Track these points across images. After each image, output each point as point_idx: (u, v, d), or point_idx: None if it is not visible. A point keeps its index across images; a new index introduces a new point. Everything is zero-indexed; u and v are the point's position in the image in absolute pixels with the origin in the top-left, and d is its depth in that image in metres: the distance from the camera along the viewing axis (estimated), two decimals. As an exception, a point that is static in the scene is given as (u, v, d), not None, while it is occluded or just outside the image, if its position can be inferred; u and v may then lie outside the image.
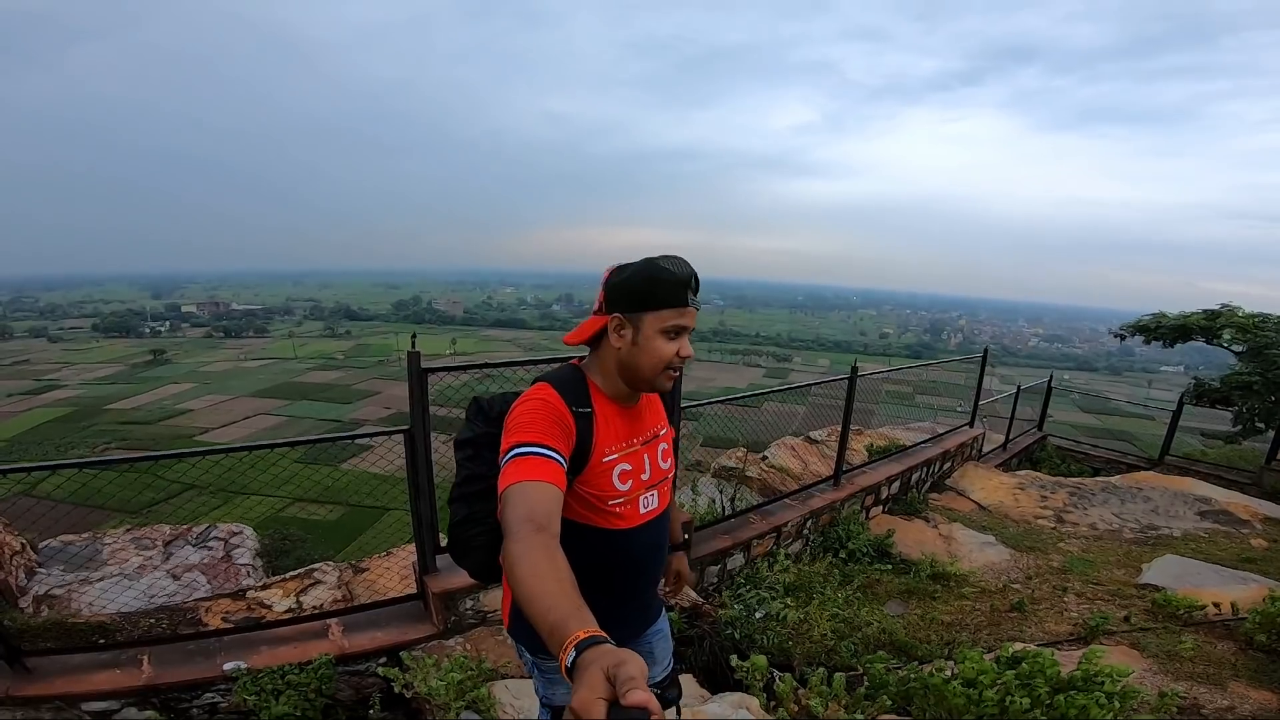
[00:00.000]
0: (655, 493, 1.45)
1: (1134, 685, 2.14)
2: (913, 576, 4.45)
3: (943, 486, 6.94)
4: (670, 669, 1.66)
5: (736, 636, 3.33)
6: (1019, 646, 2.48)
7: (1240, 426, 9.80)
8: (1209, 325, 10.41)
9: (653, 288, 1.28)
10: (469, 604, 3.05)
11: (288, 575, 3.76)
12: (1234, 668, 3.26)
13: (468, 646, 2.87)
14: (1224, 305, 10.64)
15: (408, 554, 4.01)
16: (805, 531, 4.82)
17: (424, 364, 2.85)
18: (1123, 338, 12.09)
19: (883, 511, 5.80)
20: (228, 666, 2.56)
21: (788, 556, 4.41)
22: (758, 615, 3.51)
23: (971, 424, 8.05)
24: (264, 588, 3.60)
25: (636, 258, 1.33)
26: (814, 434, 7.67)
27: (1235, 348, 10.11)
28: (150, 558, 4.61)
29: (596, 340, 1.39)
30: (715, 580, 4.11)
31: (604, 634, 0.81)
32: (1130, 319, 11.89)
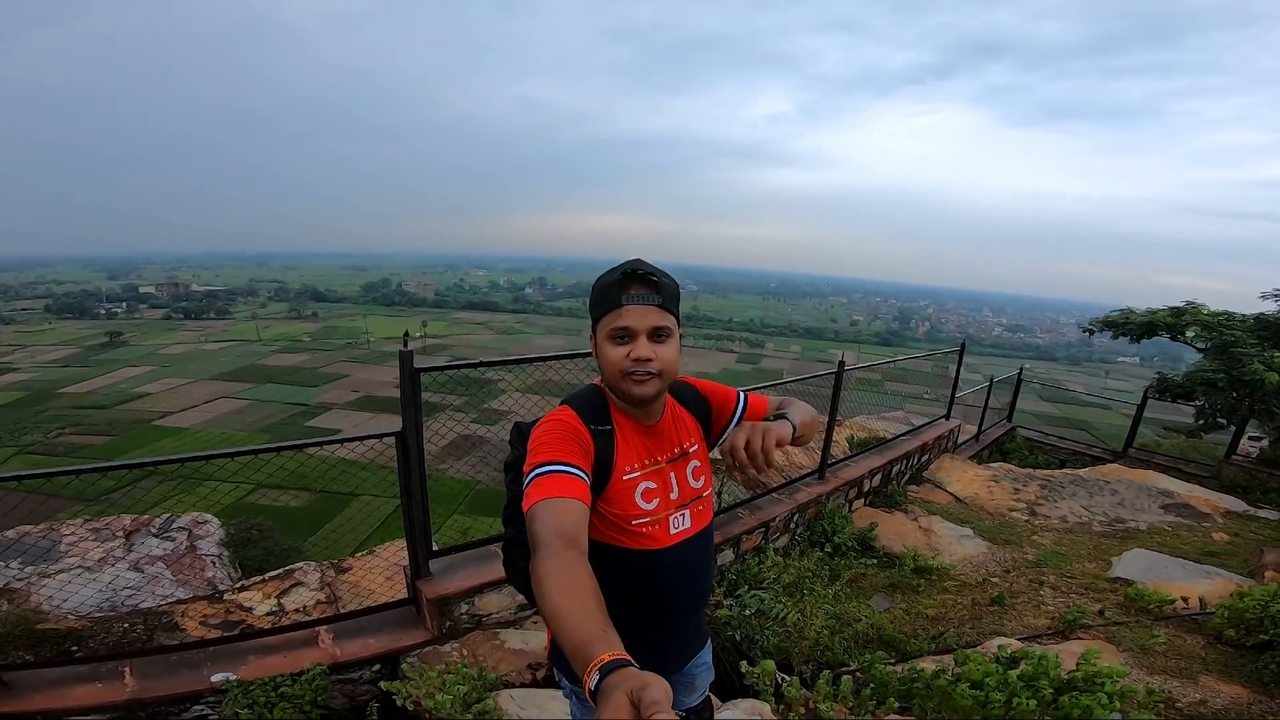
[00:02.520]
0: (687, 512, 1.40)
1: (1130, 685, 2.20)
2: (897, 570, 4.53)
3: (920, 479, 7.07)
4: (705, 696, 1.63)
5: (737, 638, 3.35)
6: (1015, 645, 2.54)
7: (1202, 421, 10.15)
8: (1174, 322, 10.72)
9: (594, 296, 1.28)
10: (464, 608, 3.01)
11: (267, 576, 3.67)
12: (1204, 662, 3.39)
13: (464, 652, 2.83)
14: (1189, 303, 10.97)
15: (392, 553, 3.94)
16: (792, 526, 4.86)
17: (402, 353, 2.73)
18: (1092, 332, 12.41)
19: (865, 504, 5.89)
20: (216, 678, 2.48)
21: (776, 551, 4.44)
22: (748, 612, 3.53)
23: (948, 416, 8.21)
24: (241, 589, 3.50)
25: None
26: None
27: (1199, 344, 10.44)
28: (111, 550, 4.46)
29: None
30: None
31: (628, 657, 0.80)
32: (1087, 310, 12.21)
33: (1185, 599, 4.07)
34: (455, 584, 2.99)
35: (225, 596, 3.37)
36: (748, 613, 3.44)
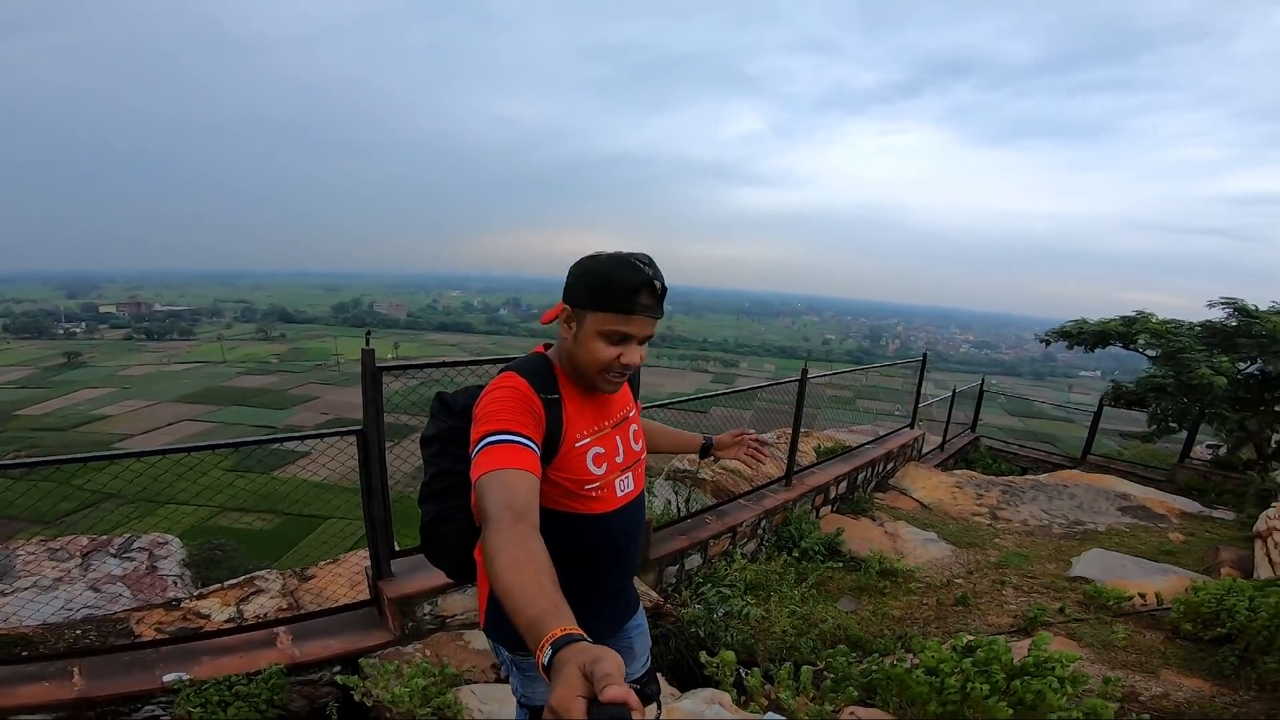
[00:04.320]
0: (630, 475, 1.44)
1: (1082, 671, 2.27)
2: (863, 573, 4.59)
3: (886, 486, 7.19)
4: (648, 665, 1.65)
5: (701, 634, 3.36)
6: (970, 637, 2.60)
7: (1155, 426, 10.49)
8: (1126, 331, 11.09)
9: (602, 287, 1.23)
10: (427, 609, 2.98)
11: (226, 584, 3.60)
12: (1164, 656, 3.48)
13: (427, 652, 2.80)
14: (1139, 312, 11.38)
15: (357, 560, 3.89)
16: (760, 531, 4.90)
17: (365, 351, 2.77)
18: (1048, 343, 12.77)
19: (831, 511, 5.96)
20: (168, 678, 2.42)
21: (744, 556, 4.48)
22: (719, 613, 3.55)
23: (912, 425, 8.37)
24: (200, 597, 3.43)
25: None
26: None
27: (1149, 352, 10.81)
28: (68, 570, 4.34)
29: None
30: (674, 580, 4.13)
31: (581, 631, 0.80)
32: (1051, 325, 12.58)
33: (1143, 595, 4.19)
34: (418, 584, 2.96)
35: (183, 604, 3.29)
36: (714, 613, 3.46)
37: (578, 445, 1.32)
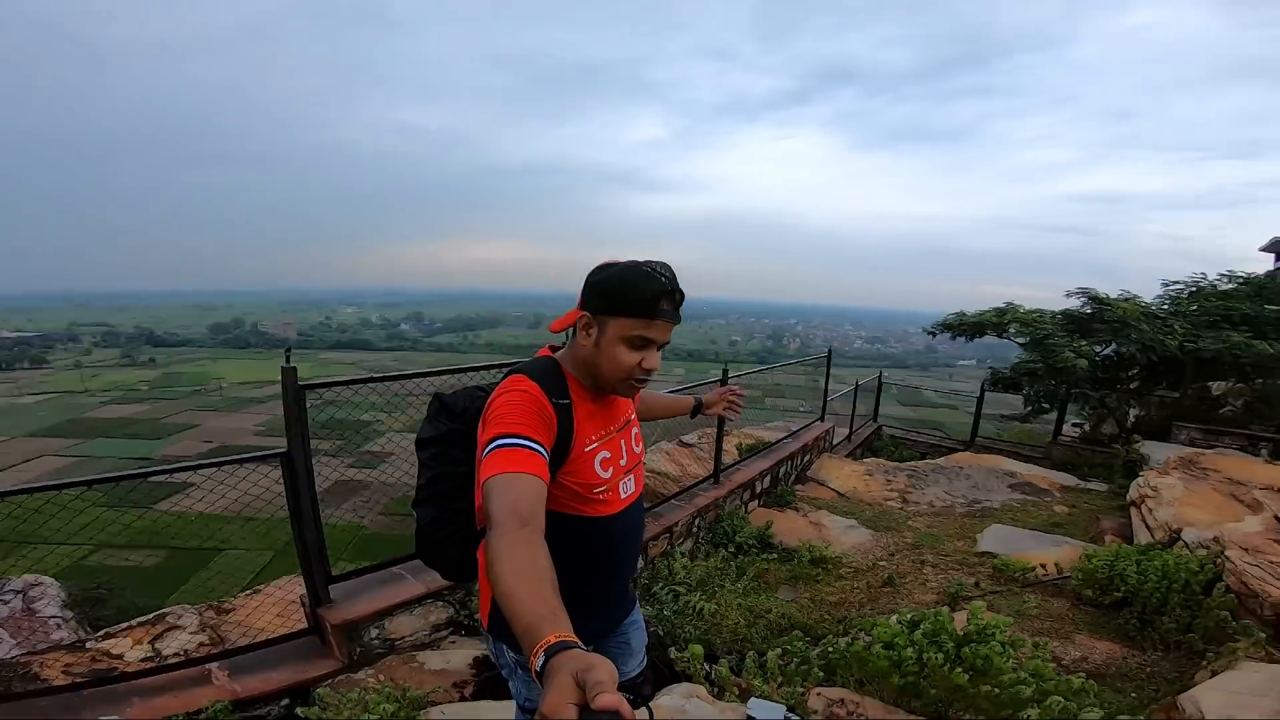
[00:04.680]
0: (632, 477, 1.48)
1: (1017, 635, 2.41)
2: (796, 563, 4.70)
3: (805, 478, 7.44)
4: (645, 663, 1.64)
5: (660, 633, 3.40)
6: (912, 612, 2.70)
7: (1030, 408, 11.54)
8: (999, 321, 12.14)
9: (623, 293, 1.26)
10: (375, 633, 2.86)
11: (135, 622, 3.29)
12: (1074, 622, 3.76)
13: (380, 677, 2.66)
14: (1008, 304, 12.50)
15: (281, 589, 3.68)
16: (695, 529, 4.92)
17: (285, 370, 2.57)
18: (933, 334, 13.77)
19: (759, 505, 6.09)
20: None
21: (683, 554, 4.48)
22: (669, 610, 3.61)
23: (822, 419, 8.73)
24: (107, 636, 3.17)
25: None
26: (685, 438, 7.90)
27: (1019, 339, 11.89)
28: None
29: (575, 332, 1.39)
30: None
31: (575, 639, 0.81)
32: (933, 319, 13.60)
33: (1044, 566, 4.53)
34: (362, 608, 2.83)
35: (88, 645, 2.97)
36: (666, 611, 3.49)
37: (587, 450, 1.34)
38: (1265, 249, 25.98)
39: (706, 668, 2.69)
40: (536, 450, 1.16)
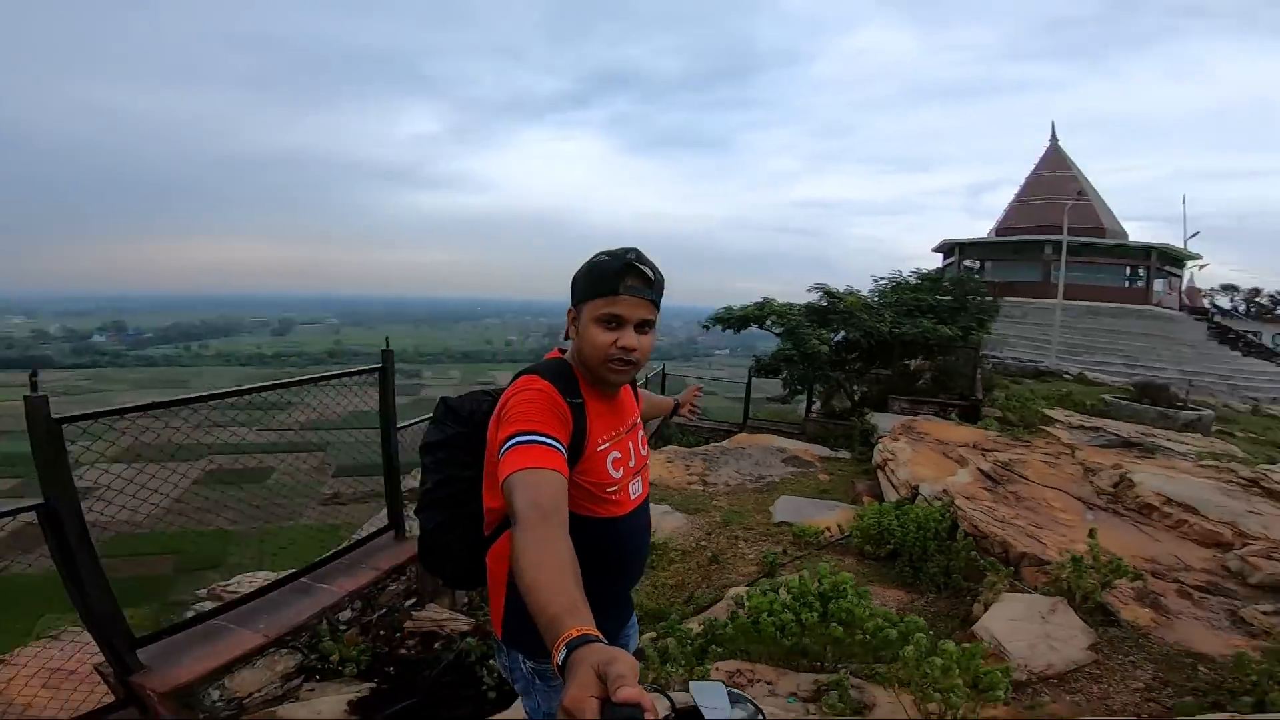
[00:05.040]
0: (640, 479, 1.49)
1: (862, 587, 2.81)
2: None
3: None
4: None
5: None
6: (741, 591, 2.99)
7: (788, 390, 13.31)
8: (760, 314, 13.82)
9: (588, 276, 1.31)
10: (216, 695, 2.46)
11: None
12: (866, 575, 4.43)
13: None
14: (765, 299, 14.29)
15: (34, 659, 2.86)
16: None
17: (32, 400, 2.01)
18: (707, 328, 15.22)
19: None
20: None
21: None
22: None
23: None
24: None
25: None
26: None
27: (776, 329, 13.66)
28: None
29: None
30: (467, 600, 3.86)
31: (597, 633, 0.81)
32: (695, 313, 15.08)
33: (829, 529, 5.28)
34: (192, 669, 2.43)
35: None
36: None
37: (599, 449, 1.35)
38: (936, 250, 33.35)
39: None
40: (555, 447, 1.17)
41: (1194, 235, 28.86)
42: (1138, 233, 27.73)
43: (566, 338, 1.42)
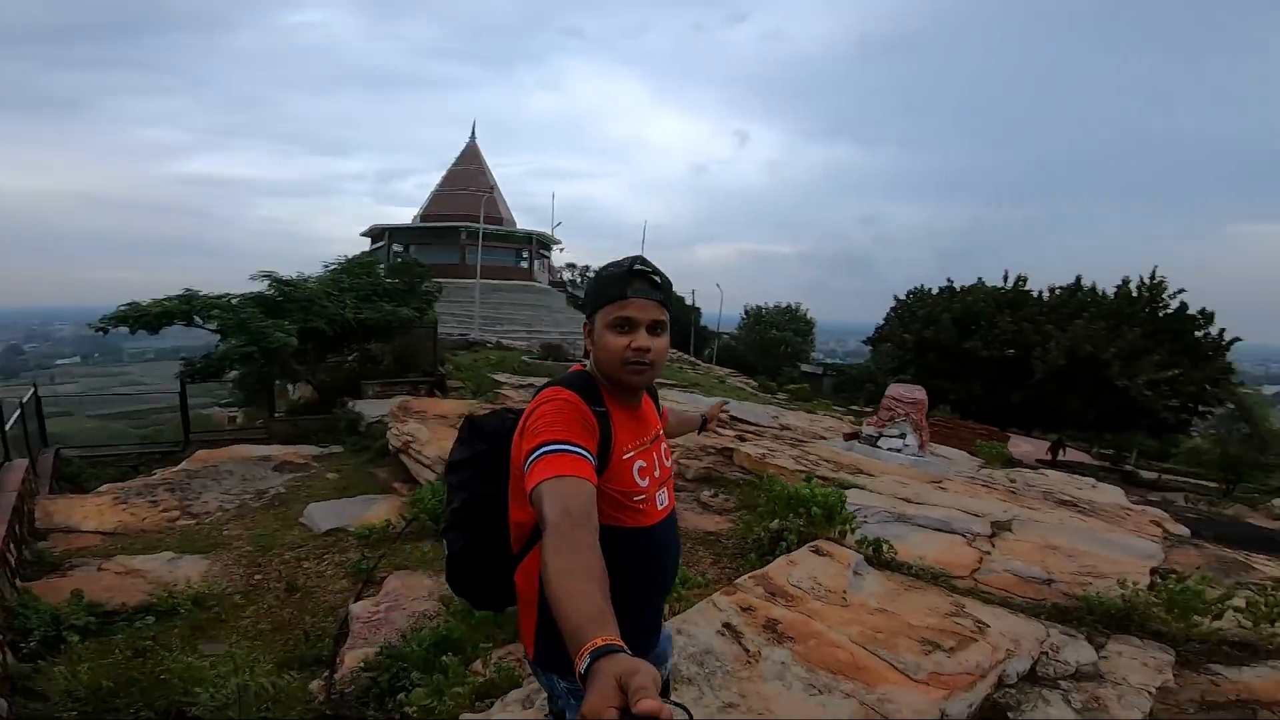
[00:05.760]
0: (665, 490, 1.47)
1: None
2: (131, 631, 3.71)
3: (41, 532, 5.41)
4: (669, 674, 1.63)
5: None
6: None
7: (246, 393, 11.54)
8: (185, 309, 11.45)
9: (597, 284, 1.36)
10: None
11: None
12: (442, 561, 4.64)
13: None
14: (189, 290, 11.88)
15: None
16: None
17: None
18: (105, 330, 11.65)
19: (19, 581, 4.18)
20: None
21: None
22: None
23: (8, 457, 6.46)
24: None
25: None
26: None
27: (211, 326, 11.54)
28: None
29: None
30: None
31: (620, 642, 0.80)
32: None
33: (389, 521, 5.25)
34: None
35: None
36: None
37: (625, 457, 1.35)
38: (365, 234, 33.54)
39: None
40: (584, 455, 1.16)
41: (559, 225, 37.34)
42: (518, 221, 34.78)
43: (586, 353, 1.42)
